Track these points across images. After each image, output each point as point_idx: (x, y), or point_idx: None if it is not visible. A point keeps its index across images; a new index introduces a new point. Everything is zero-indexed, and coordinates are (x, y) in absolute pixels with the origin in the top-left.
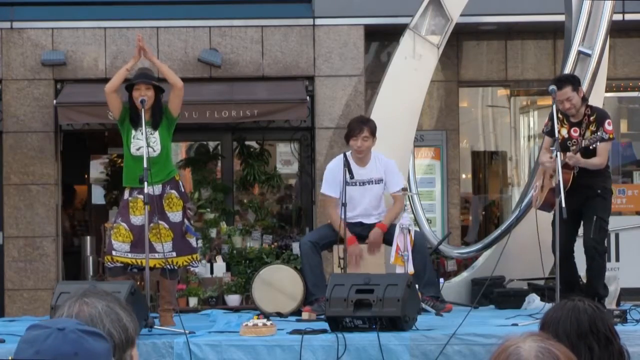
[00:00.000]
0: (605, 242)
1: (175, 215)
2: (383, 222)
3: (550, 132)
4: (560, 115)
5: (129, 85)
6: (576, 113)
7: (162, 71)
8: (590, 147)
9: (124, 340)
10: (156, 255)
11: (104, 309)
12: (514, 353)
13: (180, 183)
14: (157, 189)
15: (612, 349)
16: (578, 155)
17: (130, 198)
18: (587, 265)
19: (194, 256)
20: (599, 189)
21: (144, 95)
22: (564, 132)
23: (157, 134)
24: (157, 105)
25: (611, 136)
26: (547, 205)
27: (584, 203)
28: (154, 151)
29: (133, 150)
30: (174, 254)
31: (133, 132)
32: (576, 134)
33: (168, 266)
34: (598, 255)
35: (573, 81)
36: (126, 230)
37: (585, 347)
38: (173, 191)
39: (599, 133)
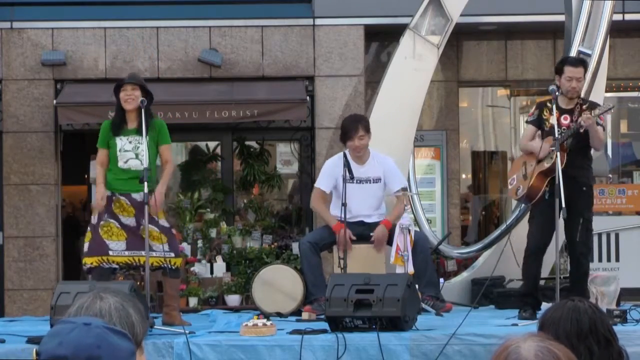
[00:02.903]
0: (590, 242)
1: (163, 221)
2: (387, 219)
3: (534, 122)
4: (549, 104)
5: (116, 86)
6: (574, 97)
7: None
8: (597, 122)
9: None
10: (154, 253)
11: (115, 305)
12: (514, 352)
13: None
14: (140, 196)
15: (612, 350)
16: (594, 119)
17: (113, 198)
18: (572, 269)
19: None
20: (584, 186)
21: (131, 94)
22: (553, 120)
23: (145, 145)
24: (146, 113)
25: (603, 124)
26: (529, 196)
27: (568, 197)
28: (142, 164)
29: (120, 163)
30: (172, 254)
31: (118, 144)
32: (566, 122)
33: (166, 265)
34: (584, 259)
35: (585, 67)
36: (118, 229)
37: (585, 348)
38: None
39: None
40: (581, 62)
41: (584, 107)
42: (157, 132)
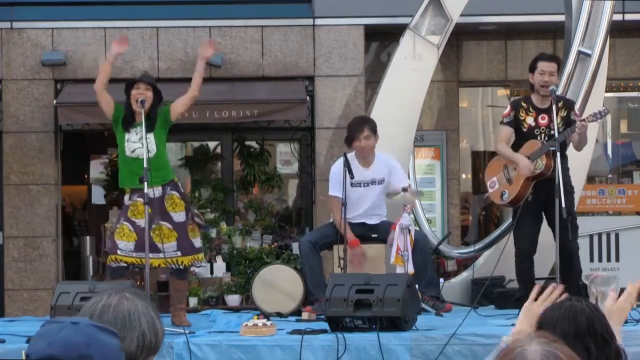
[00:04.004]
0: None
1: (179, 215)
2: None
3: (510, 123)
4: (524, 104)
5: (128, 84)
6: (547, 95)
7: (197, 76)
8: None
9: (153, 343)
10: (160, 255)
11: (142, 309)
12: (520, 355)
13: (180, 185)
14: (157, 191)
15: (609, 349)
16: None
17: (130, 202)
18: (564, 269)
19: (198, 256)
20: (567, 185)
21: (143, 94)
22: (530, 120)
23: (151, 135)
24: (153, 110)
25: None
26: (514, 201)
27: (550, 198)
28: (149, 152)
29: (128, 152)
30: (179, 253)
31: (127, 134)
32: (544, 122)
33: (173, 266)
34: (577, 257)
35: (559, 64)
36: (130, 231)
37: (583, 347)
38: (174, 192)
39: (572, 117)
40: (554, 58)
41: (560, 104)
42: (164, 114)
